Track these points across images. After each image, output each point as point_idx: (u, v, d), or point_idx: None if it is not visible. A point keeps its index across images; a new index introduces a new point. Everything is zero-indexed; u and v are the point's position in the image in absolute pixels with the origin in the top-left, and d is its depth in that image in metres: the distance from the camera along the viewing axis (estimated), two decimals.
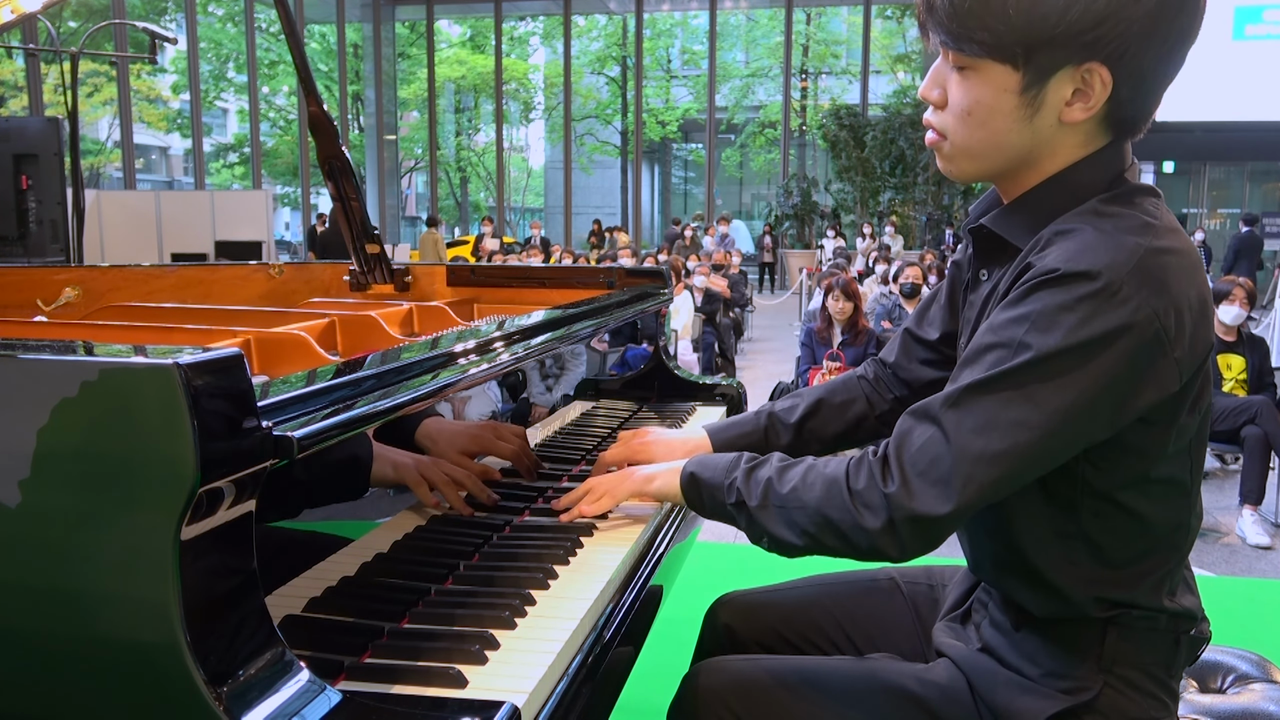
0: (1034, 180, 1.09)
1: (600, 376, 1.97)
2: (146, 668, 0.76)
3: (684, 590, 1.90)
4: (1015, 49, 1.00)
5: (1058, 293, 0.96)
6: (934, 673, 1.18)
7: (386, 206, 22.93)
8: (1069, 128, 1.04)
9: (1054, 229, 1.03)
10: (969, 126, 1.07)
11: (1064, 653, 1.10)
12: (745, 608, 1.43)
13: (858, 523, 1.02)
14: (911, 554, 1.02)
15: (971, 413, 0.98)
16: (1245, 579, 3.71)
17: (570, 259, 11.64)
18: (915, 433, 1.02)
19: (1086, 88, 1.01)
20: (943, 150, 1.11)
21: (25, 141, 7.64)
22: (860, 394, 1.41)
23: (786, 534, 1.09)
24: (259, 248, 11.83)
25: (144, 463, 0.74)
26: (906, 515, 0.99)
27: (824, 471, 1.08)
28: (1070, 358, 0.95)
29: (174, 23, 21.97)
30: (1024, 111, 1.03)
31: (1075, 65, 1.00)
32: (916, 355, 1.37)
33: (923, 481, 0.99)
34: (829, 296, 5.21)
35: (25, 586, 0.78)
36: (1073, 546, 1.07)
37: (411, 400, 1.08)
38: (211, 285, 2.34)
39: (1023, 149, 1.06)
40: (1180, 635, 1.11)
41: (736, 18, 25.85)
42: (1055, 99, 1.02)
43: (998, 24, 0.99)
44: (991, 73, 1.03)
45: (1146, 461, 1.04)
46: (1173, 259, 0.98)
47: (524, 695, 0.89)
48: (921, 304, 1.40)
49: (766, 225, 19.78)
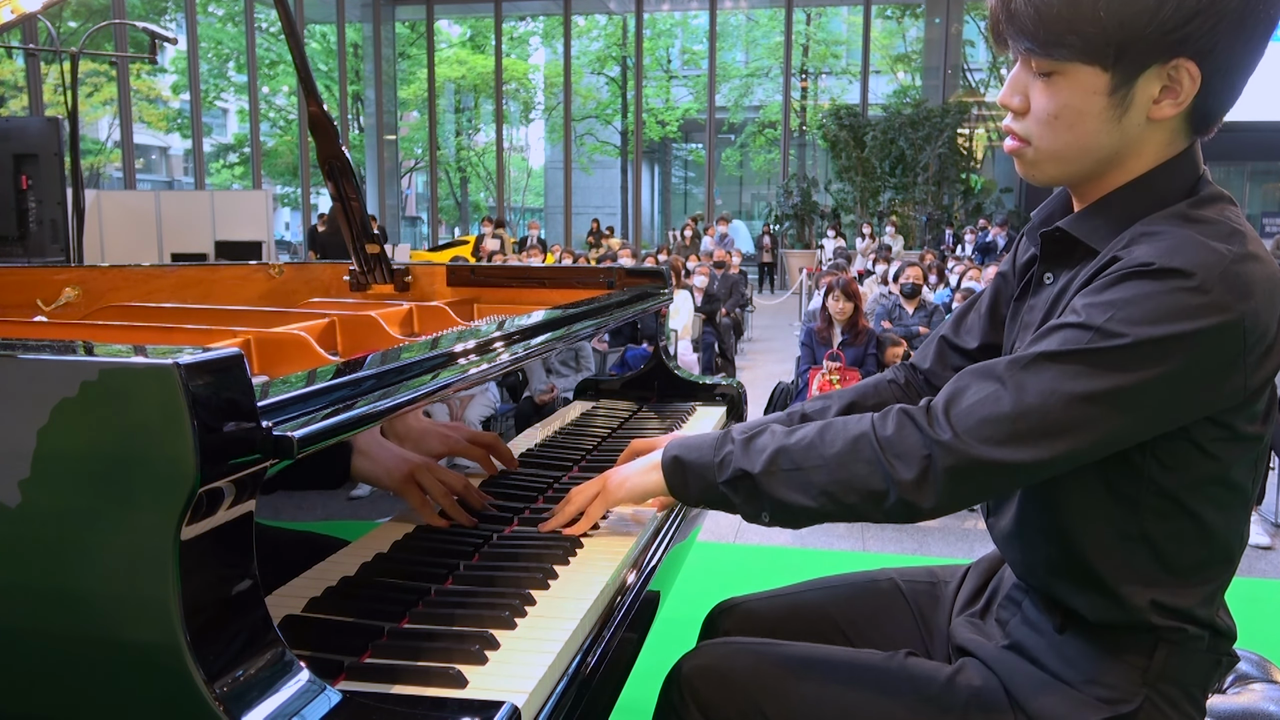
0: (1118, 182, 1.08)
1: (600, 376, 1.97)
2: (146, 667, 0.76)
3: (684, 590, 1.90)
4: (1106, 51, 0.99)
5: (1149, 284, 0.96)
6: (963, 670, 1.16)
7: (386, 206, 22.93)
8: (1156, 126, 1.04)
9: (1140, 229, 1.03)
10: (1056, 130, 1.06)
11: (1109, 660, 1.08)
12: (744, 614, 1.42)
13: (889, 473, 1.01)
14: (943, 507, 1.01)
15: (1039, 377, 0.98)
16: (1245, 579, 3.71)
17: (570, 259, 11.64)
18: (973, 388, 1.01)
19: (1174, 84, 1.01)
20: (1026, 156, 1.10)
21: (25, 141, 7.65)
22: (893, 398, 1.40)
23: (798, 498, 1.06)
24: (259, 248, 11.84)
25: (144, 462, 0.74)
26: (957, 461, 0.98)
27: (844, 428, 1.06)
28: (1151, 349, 0.95)
29: (174, 23, 21.96)
30: (1113, 112, 1.03)
31: (1163, 63, 1.00)
32: (952, 363, 1.36)
33: (977, 433, 0.98)
34: (829, 296, 5.22)
35: (26, 586, 0.78)
36: (1133, 549, 1.06)
37: (411, 400, 1.08)
38: (211, 285, 2.34)
39: (1110, 149, 1.06)
40: (1221, 657, 1.11)
41: (736, 18, 25.85)
42: (1144, 97, 1.02)
43: (1088, 27, 0.99)
44: (1079, 75, 1.02)
45: (1218, 465, 1.04)
46: (1259, 268, 0.98)
47: (524, 695, 0.89)
48: (958, 311, 1.39)
49: (766, 225, 19.79)
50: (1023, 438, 0.97)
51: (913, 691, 1.14)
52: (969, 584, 1.31)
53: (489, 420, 1.43)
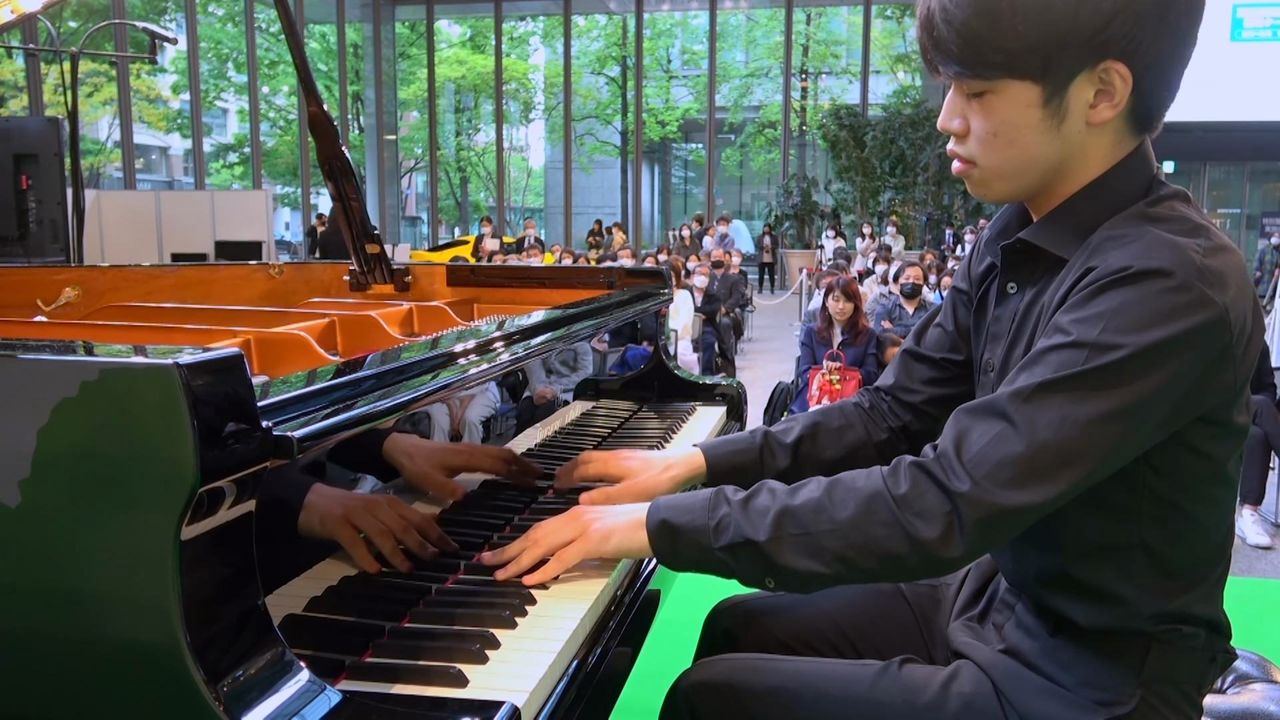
0: (1070, 190, 1.08)
1: (600, 376, 1.96)
2: (146, 668, 0.76)
3: (684, 591, 1.90)
4: (1032, 63, 1.00)
5: (1132, 290, 0.95)
6: (957, 676, 1.15)
7: (386, 206, 22.93)
8: (1097, 130, 1.04)
9: (1104, 234, 1.03)
10: (998, 148, 1.06)
11: (1103, 663, 1.08)
12: (745, 614, 1.41)
13: (909, 534, 0.97)
14: (972, 556, 0.98)
15: (1046, 409, 0.96)
16: (1245, 579, 3.71)
17: (570, 259, 11.64)
18: (978, 429, 0.99)
19: (1107, 87, 1.01)
20: (974, 177, 1.10)
21: (25, 141, 7.65)
22: (857, 420, 1.37)
23: (810, 564, 1.01)
24: (259, 248, 11.84)
25: (144, 462, 0.74)
26: (984, 513, 0.95)
27: (854, 486, 1.02)
28: (1150, 355, 0.94)
29: (174, 23, 21.96)
30: (1050, 122, 1.03)
31: (1091, 67, 1.00)
32: (919, 375, 1.35)
33: (998, 477, 0.95)
34: (829, 297, 5.22)
35: (25, 586, 0.78)
36: (1130, 558, 1.06)
37: (411, 400, 1.08)
38: (211, 285, 2.34)
39: (1055, 159, 1.06)
40: (1217, 654, 1.11)
41: (736, 18, 25.85)
42: (1079, 104, 1.02)
43: (1010, 43, 0.99)
44: (1011, 91, 1.02)
45: (1211, 463, 1.04)
46: (1229, 258, 0.98)
47: (524, 695, 0.89)
48: (918, 325, 1.39)
49: (766, 225, 19.77)
50: (1043, 474, 0.95)
51: (906, 701, 1.14)
52: (968, 587, 1.30)
53: (489, 420, 1.43)
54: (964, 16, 1.00)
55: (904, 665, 1.18)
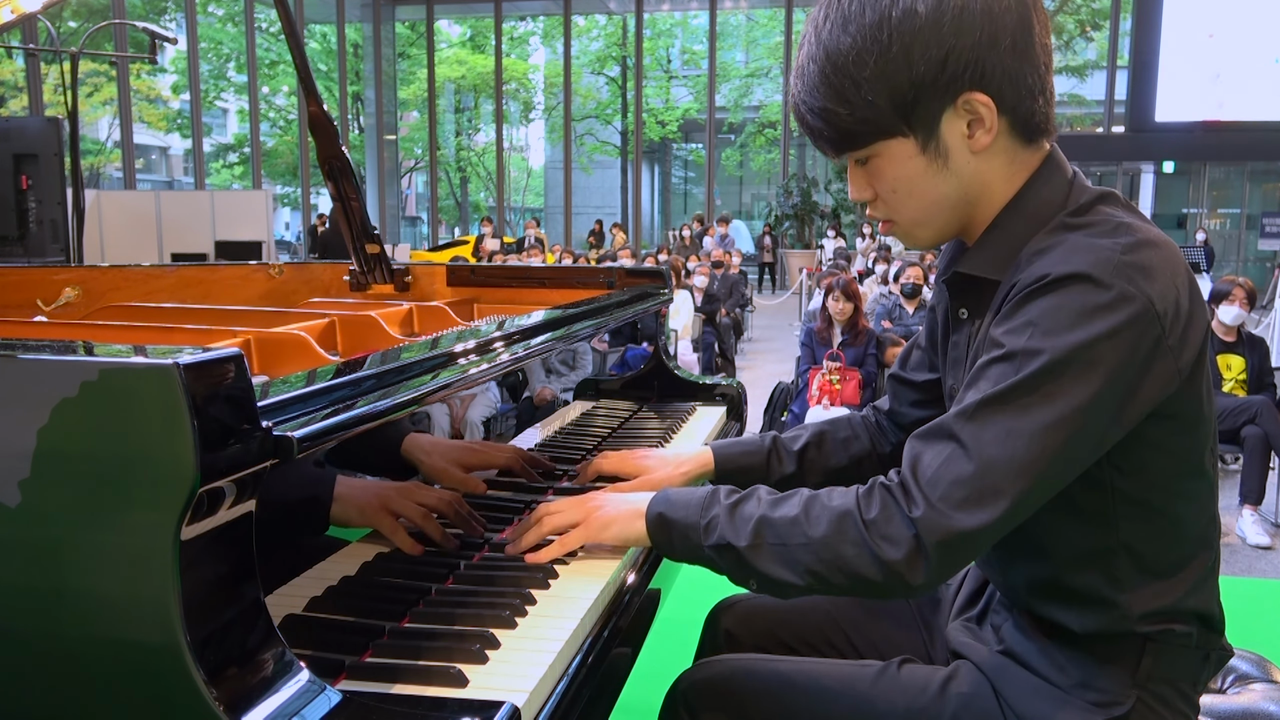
0: (989, 215, 1.11)
1: (600, 376, 1.97)
2: (146, 668, 0.76)
3: (684, 591, 1.90)
4: (894, 122, 1.05)
5: (1054, 296, 0.97)
6: (955, 677, 1.16)
7: (386, 206, 22.93)
8: (985, 155, 1.07)
9: (1030, 250, 1.05)
10: (903, 201, 1.11)
11: (1098, 666, 1.08)
12: (746, 612, 1.42)
13: (877, 556, 0.98)
14: (939, 580, 0.99)
15: (990, 425, 0.97)
16: (1245, 579, 3.71)
17: (570, 259, 11.64)
18: (929, 453, 1.00)
19: (975, 115, 1.04)
20: (898, 231, 1.15)
21: (25, 141, 7.66)
22: (864, 432, 1.42)
23: (784, 574, 1.04)
24: (259, 248, 11.83)
25: (144, 462, 0.74)
26: (941, 536, 0.96)
27: (829, 504, 1.03)
28: (1080, 355, 0.95)
29: (174, 23, 21.97)
30: (937, 164, 1.07)
31: (953, 104, 1.04)
32: (906, 398, 1.39)
33: (951, 499, 0.96)
34: (829, 297, 5.21)
35: (25, 586, 0.78)
36: (1115, 563, 1.06)
37: (411, 400, 1.08)
38: (211, 285, 2.34)
39: (958, 194, 1.09)
40: (1211, 651, 1.11)
41: (736, 18, 25.86)
42: (956, 139, 1.06)
43: (866, 113, 1.04)
44: (890, 150, 1.07)
45: (1179, 459, 1.05)
46: (1153, 251, 0.99)
47: (524, 695, 0.89)
48: (905, 349, 1.42)
49: (766, 225, 19.77)
50: (995, 492, 0.96)
51: (906, 701, 1.14)
52: (967, 587, 1.31)
53: (489, 420, 1.43)
54: (819, 104, 1.07)
55: (903, 665, 1.19)
